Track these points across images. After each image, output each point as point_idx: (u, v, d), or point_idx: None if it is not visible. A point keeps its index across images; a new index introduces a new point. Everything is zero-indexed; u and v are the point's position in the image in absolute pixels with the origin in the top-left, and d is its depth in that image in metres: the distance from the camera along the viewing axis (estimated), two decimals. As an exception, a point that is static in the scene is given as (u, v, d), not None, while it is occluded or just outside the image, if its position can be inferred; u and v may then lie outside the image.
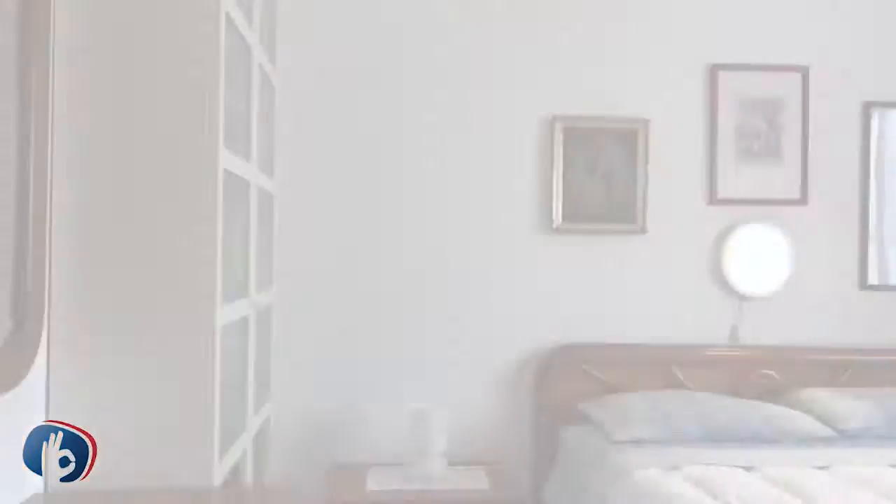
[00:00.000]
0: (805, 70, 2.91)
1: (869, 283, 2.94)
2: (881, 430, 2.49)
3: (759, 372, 2.84)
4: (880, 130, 2.96)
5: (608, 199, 2.86)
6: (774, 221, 2.90)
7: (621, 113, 2.86)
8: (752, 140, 2.92)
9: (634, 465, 2.18)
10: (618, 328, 2.85)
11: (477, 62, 2.81)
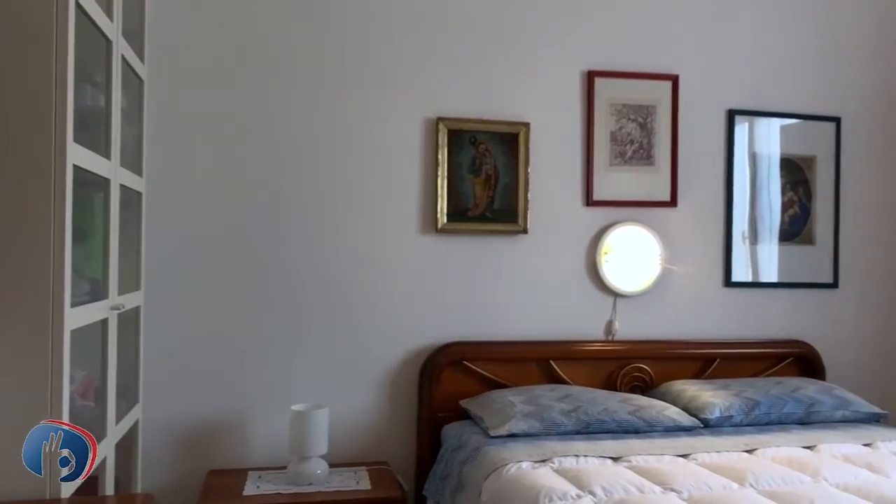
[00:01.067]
0: (675, 78, 3.07)
1: (732, 281, 3.13)
2: (740, 418, 2.65)
3: (633, 365, 2.98)
4: (744, 136, 3.16)
5: (491, 200, 2.92)
6: (647, 222, 3.05)
7: (503, 115, 2.93)
8: (627, 145, 3.05)
9: (508, 458, 2.24)
10: (501, 326, 2.92)
11: (359, 61, 2.81)
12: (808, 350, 3.12)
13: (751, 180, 3.16)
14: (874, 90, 3.27)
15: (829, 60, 3.23)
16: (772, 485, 2.07)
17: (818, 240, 3.21)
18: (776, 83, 3.19)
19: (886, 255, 3.28)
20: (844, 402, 2.76)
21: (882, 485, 2.08)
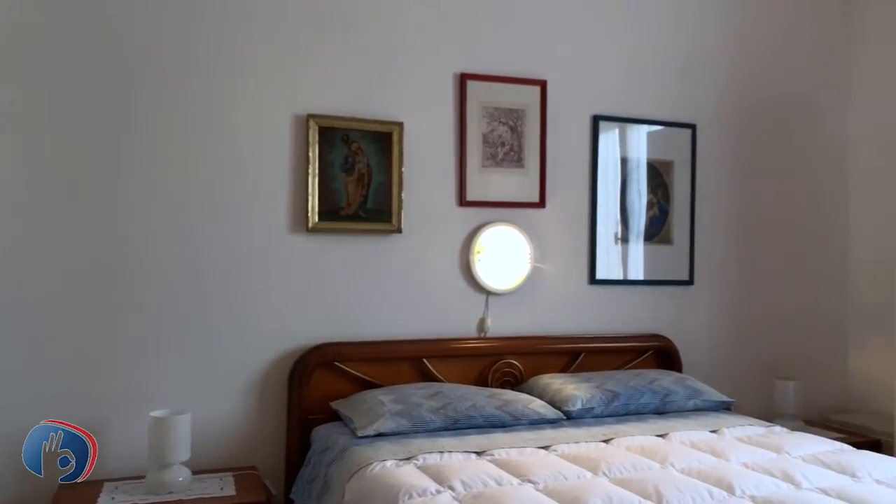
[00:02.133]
0: (543, 84, 3.17)
1: (597, 279, 3.27)
2: (600, 409, 2.78)
3: (504, 361, 3.06)
4: (609, 141, 3.31)
5: (365, 199, 2.91)
6: (517, 223, 3.13)
7: (377, 114, 2.92)
8: (498, 147, 3.12)
9: (373, 458, 2.24)
10: (374, 325, 2.92)
11: (223, 55, 2.73)
12: (666, 343, 3.30)
13: (616, 183, 3.31)
14: (726, 99, 3.51)
15: (687, 71, 3.44)
16: (623, 472, 2.18)
17: (675, 240, 3.40)
18: (638, 91, 3.36)
19: (736, 253, 3.52)
20: (696, 391, 2.95)
21: (722, 468, 2.23)
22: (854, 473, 2.20)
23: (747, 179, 3.55)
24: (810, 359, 3.62)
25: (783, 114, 3.63)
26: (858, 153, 3.68)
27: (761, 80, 3.58)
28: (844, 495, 1.99)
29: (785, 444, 2.48)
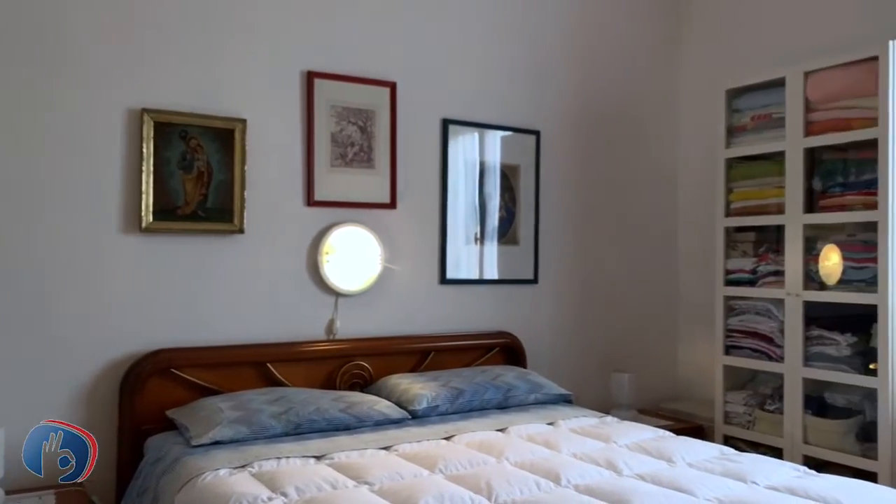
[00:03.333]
0: (393, 85, 3.19)
1: (447, 279, 3.33)
2: (445, 407, 2.83)
3: (354, 363, 3.05)
4: (459, 144, 3.38)
5: (204, 198, 2.80)
6: (367, 223, 3.13)
7: (218, 110, 2.82)
8: (347, 147, 3.11)
9: (206, 467, 2.16)
10: (215, 330, 2.82)
11: (52, 45, 2.53)
12: (512, 340, 3.42)
13: (466, 185, 3.39)
14: (569, 109, 3.68)
15: (533, 80, 3.57)
16: (459, 469, 2.23)
17: (521, 240, 3.53)
18: (487, 97, 3.45)
19: (577, 254, 3.71)
20: (537, 385, 3.07)
21: (553, 459, 2.33)
22: (670, 458, 2.37)
23: (588, 185, 3.74)
24: (645, 352, 3.87)
25: (621, 124, 3.85)
26: (686, 163, 3.98)
27: (602, 92, 3.78)
28: (657, 479, 2.15)
29: (613, 433, 2.64)
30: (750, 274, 3.30)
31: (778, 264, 3.17)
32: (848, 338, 2.93)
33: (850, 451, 2.89)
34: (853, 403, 2.98)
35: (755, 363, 3.24)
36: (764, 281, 3.24)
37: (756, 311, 3.27)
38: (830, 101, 2.99)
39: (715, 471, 2.24)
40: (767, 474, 2.19)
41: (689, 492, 2.04)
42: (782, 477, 2.18)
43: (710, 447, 2.51)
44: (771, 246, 3.26)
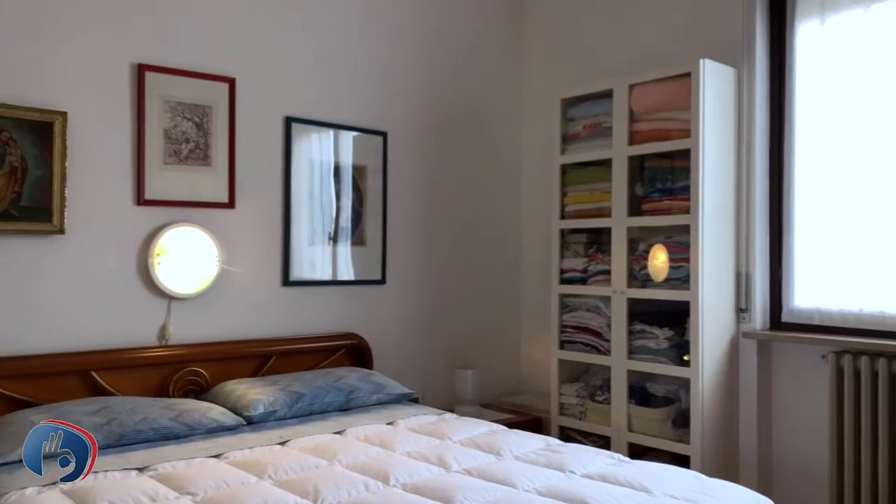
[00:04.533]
0: (232, 81, 3.09)
1: (291, 280, 3.28)
2: (284, 412, 2.79)
3: (189, 369, 2.93)
4: (303, 143, 3.33)
5: (18, 195, 2.59)
6: (204, 223, 3.02)
7: (34, 102, 2.62)
8: (182, 143, 2.98)
9: (11, 486, 2.00)
10: (32, 338, 2.62)
11: None
12: (359, 341, 3.42)
13: (311, 185, 3.35)
14: (415, 110, 3.73)
15: (379, 80, 3.59)
16: (289, 474, 2.21)
17: (369, 241, 3.54)
18: (332, 96, 3.43)
19: (424, 254, 3.77)
20: (379, 386, 3.09)
21: (385, 459, 2.36)
22: (499, 452, 2.47)
23: (435, 186, 3.81)
24: (490, 349, 4.00)
25: (468, 128, 3.95)
26: (528, 167, 4.15)
27: (449, 96, 3.86)
28: (483, 473, 2.23)
29: (449, 430, 2.70)
30: (582, 273, 3.50)
31: (606, 264, 3.38)
32: (666, 332, 3.17)
33: (668, 437, 3.13)
34: (671, 392, 3.23)
35: (586, 357, 3.44)
36: (594, 279, 3.44)
37: (587, 307, 3.47)
38: (652, 112, 3.22)
39: (539, 462, 2.36)
40: (584, 463, 2.33)
41: (510, 484, 2.13)
42: (598, 465, 2.33)
43: (538, 439, 2.63)
44: (600, 247, 3.47)
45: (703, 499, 2.01)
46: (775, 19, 3.21)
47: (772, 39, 3.22)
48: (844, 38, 2.99)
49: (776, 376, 3.18)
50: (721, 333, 3.12)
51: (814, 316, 3.06)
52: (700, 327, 3.02)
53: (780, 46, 3.20)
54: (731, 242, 3.17)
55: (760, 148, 3.19)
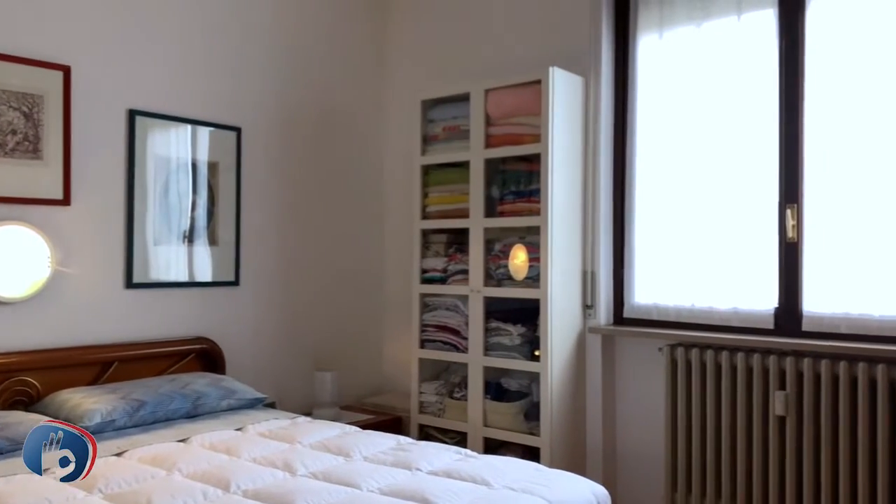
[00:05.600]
0: (67, 69, 2.89)
1: (134, 282, 3.11)
2: (123, 421, 2.63)
3: (17, 379, 2.71)
4: (149, 138, 3.16)
5: None
6: (34, 221, 2.80)
7: None
8: (8, 135, 2.75)
9: None
10: None
11: None
12: (210, 345, 3.29)
13: (158, 182, 3.19)
14: (272, 105, 3.64)
15: (232, 73, 3.47)
16: (121, 486, 2.09)
17: (221, 241, 3.42)
18: (183, 89, 3.29)
19: (282, 254, 3.69)
20: (230, 391, 2.99)
21: (229, 466, 2.29)
22: (348, 454, 2.46)
23: (295, 185, 3.74)
24: (352, 349, 3.97)
25: (329, 127, 3.91)
26: (391, 168, 4.16)
27: (309, 94, 3.80)
28: (329, 476, 2.21)
29: (299, 434, 2.66)
30: (442, 273, 3.55)
31: (465, 263, 3.45)
32: (519, 328, 3.28)
33: (521, 431, 3.24)
34: (524, 387, 3.34)
35: (445, 355, 3.50)
36: (453, 279, 3.50)
37: (447, 306, 3.53)
38: (506, 117, 3.32)
39: (387, 462, 2.37)
40: (431, 460, 2.36)
41: (355, 485, 2.12)
42: (444, 461, 2.37)
43: (390, 439, 2.64)
44: (460, 247, 3.53)
45: (539, 489, 2.09)
46: (619, 32, 3.39)
47: (616, 51, 3.40)
48: (679, 52, 3.21)
49: (619, 369, 3.36)
50: (569, 329, 3.26)
51: (652, 311, 3.26)
52: (549, 323, 3.14)
53: (623, 57, 3.39)
54: (578, 243, 3.32)
55: (605, 153, 3.37)
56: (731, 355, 2.91)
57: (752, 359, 2.86)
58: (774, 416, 2.80)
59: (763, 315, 2.96)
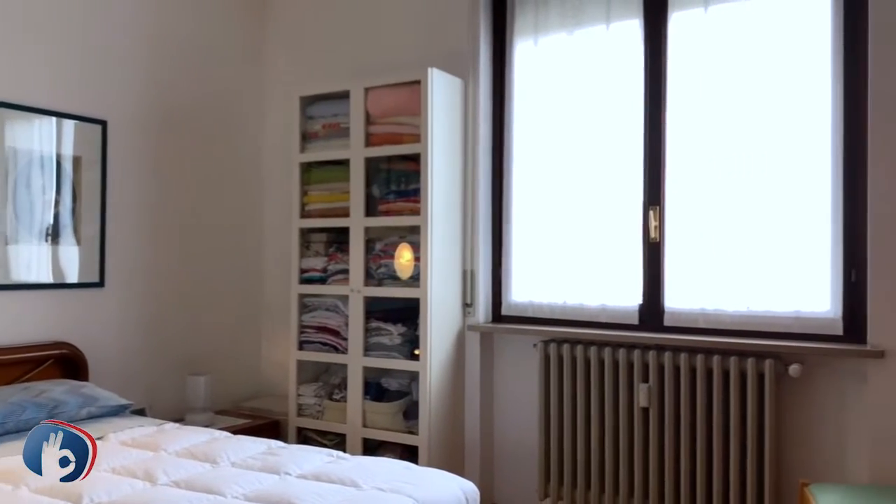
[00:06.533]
0: None
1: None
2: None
3: None
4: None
5: None
6: None
7: None
8: None
9: None
10: None
11: None
12: (71, 350, 3.10)
13: (17, 177, 2.97)
14: (142, 99, 3.47)
15: (95, 64, 3.28)
16: (-50, 505, 1.93)
17: (84, 240, 3.22)
18: (44, 80, 3.08)
19: (153, 254, 3.52)
20: (91, 399, 2.83)
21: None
22: (215, 460, 2.38)
23: (167, 182, 3.58)
24: (229, 352, 3.85)
25: (206, 122, 3.77)
26: (271, 165, 4.06)
27: (181, 83, 3.65)
28: (192, 484, 2.13)
29: (165, 441, 2.55)
30: (322, 272, 3.50)
31: (345, 263, 3.41)
32: (399, 328, 3.28)
33: (399, 430, 3.25)
34: (404, 387, 3.35)
35: (324, 356, 3.45)
36: (333, 279, 3.46)
37: (326, 307, 3.48)
38: (386, 116, 3.31)
39: (255, 467, 2.31)
40: (301, 464, 2.32)
41: (219, 492, 2.06)
42: (315, 464, 2.34)
43: (260, 444, 2.58)
44: (339, 246, 3.50)
45: (408, 488, 2.10)
46: (497, 37, 3.46)
47: (494, 54, 3.47)
48: (553, 58, 3.31)
49: (497, 366, 3.43)
50: (449, 327, 3.30)
51: (528, 309, 3.35)
52: (429, 322, 3.16)
53: (501, 61, 3.46)
54: (458, 242, 3.36)
55: (484, 155, 3.43)
56: (599, 350, 3.04)
57: (619, 353, 2.99)
58: (639, 408, 2.95)
59: (629, 311, 3.10)
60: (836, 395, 2.70)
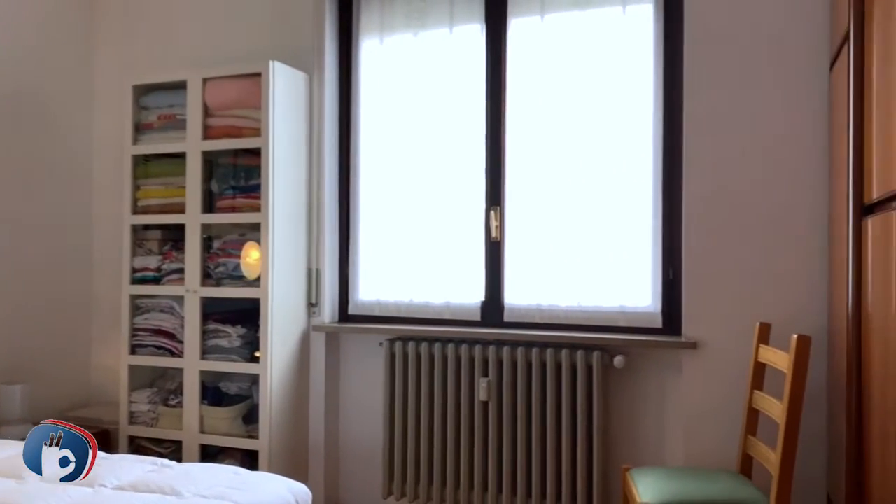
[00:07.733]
0: None
1: None
2: None
3: None
4: None
5: None
6: None
7: None
8: None
9: None
10: None
11: None
12: None
13: None
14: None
15: None
16: None
17: None
18: None
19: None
20: None
21: None
22: (21, 476, 2.17)
23: (-22, 171, 3.25)
24: (53, 359, 3.55)
25: (22, 106, 3.45)
26: (101, 158, 3.79)
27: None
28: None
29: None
30: (156, 272, 3.31)
31: (181, 262, 3.25)
32: (239, 329, 3.16)
33: (239, 435, 3.13)
34: (244, 390, 3.24)
35: (159, 360, 3.27)
36: (168, 279, 3.29)
37: (161, 308, 3.30)
38: (226, 108, 3.18)
39: (66, 481, 2.13)
40: (120, 474, 2.18)
41: (20, 511, 1.88)
42: (135, 474, 2.20)
43: (76, 455, 2.39)
44: (175, 244, 3.32)
45: (233, 494, 2.03)
46: (343, 33, 3.43)
47: (340, 51, 3.43)
48: (398, 58, 3.32)
49: (344, 366, 3.40)
50: (292, 328, 3.22)
51: (375, 307, 3.34)
52: (270, 323, 3.07)
53: (347, 58, 3.43)
54: (303, 241, 3.30)
55: (330, 152, 3.38)
56: (443, 347, 3.08)
57: (461, 349, 3.05)
58: (479, 402, 3.02)
59: (471, 308, 3.17)
60: (657, 385, 2.90)
